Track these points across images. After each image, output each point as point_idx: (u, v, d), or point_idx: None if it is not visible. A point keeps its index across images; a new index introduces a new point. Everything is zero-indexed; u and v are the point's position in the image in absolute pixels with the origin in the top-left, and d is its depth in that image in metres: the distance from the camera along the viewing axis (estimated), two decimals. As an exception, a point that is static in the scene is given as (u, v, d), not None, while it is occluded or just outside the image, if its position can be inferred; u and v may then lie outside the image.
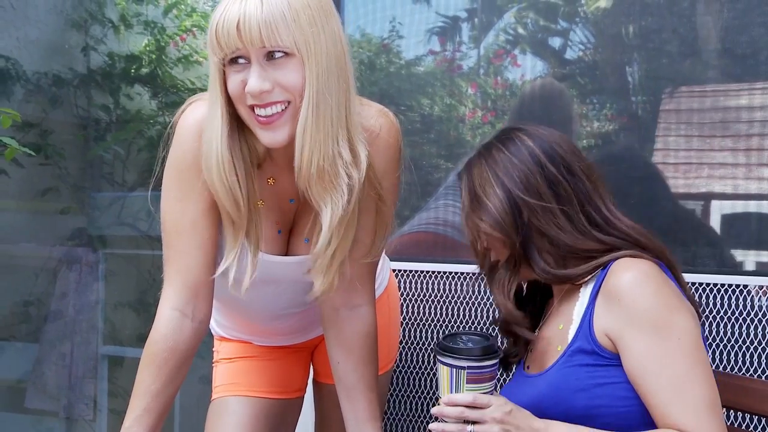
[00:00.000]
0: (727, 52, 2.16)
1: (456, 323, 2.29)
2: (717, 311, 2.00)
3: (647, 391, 1.42)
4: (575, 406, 1.46)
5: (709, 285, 2.01)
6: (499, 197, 1.53)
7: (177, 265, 1.58)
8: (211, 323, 1.95)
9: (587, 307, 1.50)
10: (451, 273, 2.31)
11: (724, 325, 1.99)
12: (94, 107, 3.72)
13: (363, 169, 1.54)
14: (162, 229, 1.61)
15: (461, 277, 2.29)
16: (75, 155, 3.70)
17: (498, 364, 1.50)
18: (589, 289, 1.51)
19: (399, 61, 2.61)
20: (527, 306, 1.67)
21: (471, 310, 2.28)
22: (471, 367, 1.45)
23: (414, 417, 2.31)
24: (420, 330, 2.33)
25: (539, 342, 1.61)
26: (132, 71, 3.70)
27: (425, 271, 2.33)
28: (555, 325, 1.58)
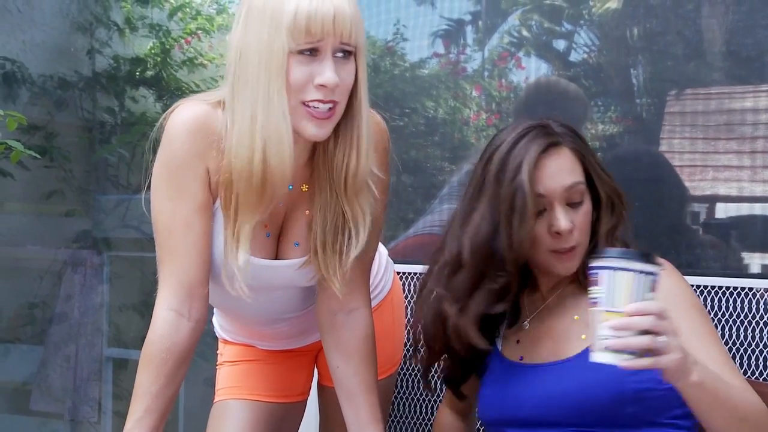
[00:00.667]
0: (732, 54, 2.15)
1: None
2: (722, 314, 1.99)
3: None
4: (625, 389, 1.46)
5: (714, 287, 2.00)
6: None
7: (171, 265, 1.56)
8: (216, 327, 1.95)
9: None
10: (456, 276, 2.29)
11: (729, 328, 1.98)
12: (99, 110, 3.73)
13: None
14: (154, 230, 1.59)
15: (465, 280, 2.28)
16: (80, 158, 3.71)
17: None
18: None
19: (403, 64, 2.61)
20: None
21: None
22: (657, 275, 1.32)
23: (419, 420, 2.30)
24: (424, 333, 2.32)
25: (537, 332, 1.62)
26: (137, 74, 3.71)
27: (430, 274, 2.32)
28: (567, 317, 1.59)
